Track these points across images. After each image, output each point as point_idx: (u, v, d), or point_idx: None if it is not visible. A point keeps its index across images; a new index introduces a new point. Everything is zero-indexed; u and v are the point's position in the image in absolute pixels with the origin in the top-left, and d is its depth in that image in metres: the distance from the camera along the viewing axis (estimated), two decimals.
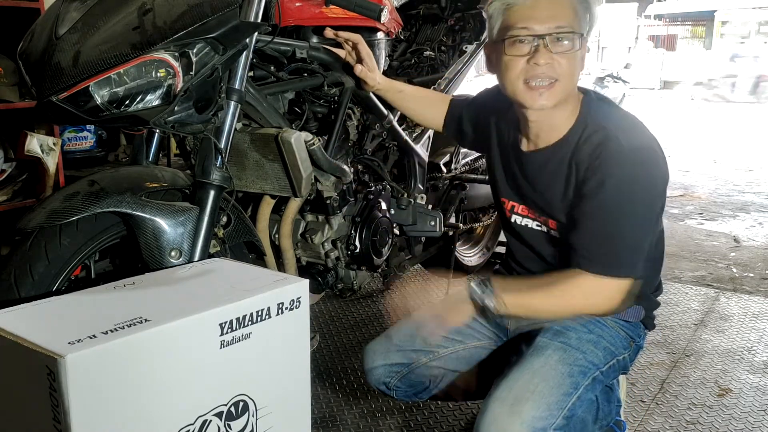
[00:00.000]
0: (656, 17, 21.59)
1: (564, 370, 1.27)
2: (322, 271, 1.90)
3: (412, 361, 1.48)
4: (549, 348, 1.32)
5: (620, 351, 1.38)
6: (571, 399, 1.24)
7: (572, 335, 1.35)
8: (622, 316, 1.41)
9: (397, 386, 1.51)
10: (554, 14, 1.22)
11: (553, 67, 1.23)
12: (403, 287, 1.63)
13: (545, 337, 1.36)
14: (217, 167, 1.36)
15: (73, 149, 3.04)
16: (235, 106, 1.41)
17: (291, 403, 1.16)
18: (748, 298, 2.72)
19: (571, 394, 1.25)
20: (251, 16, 1.36)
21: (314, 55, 1.69)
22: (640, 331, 1.45)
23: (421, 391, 1.54)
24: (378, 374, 1.50)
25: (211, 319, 0.99)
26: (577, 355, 1.29)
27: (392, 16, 2.03)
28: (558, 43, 1.23)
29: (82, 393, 0.84)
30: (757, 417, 1.82)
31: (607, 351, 1.35)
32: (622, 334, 1.40)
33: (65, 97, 1.22)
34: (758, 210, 4.36)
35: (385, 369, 1.49)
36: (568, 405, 1.23)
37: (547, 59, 1.23)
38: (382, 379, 1.50)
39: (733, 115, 10.45)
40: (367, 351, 1.53)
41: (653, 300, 1.48)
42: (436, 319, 1.37)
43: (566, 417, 1.22)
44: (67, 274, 1.26)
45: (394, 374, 1.49)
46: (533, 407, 1.20)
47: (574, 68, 1.25)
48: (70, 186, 1.29)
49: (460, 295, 1.29)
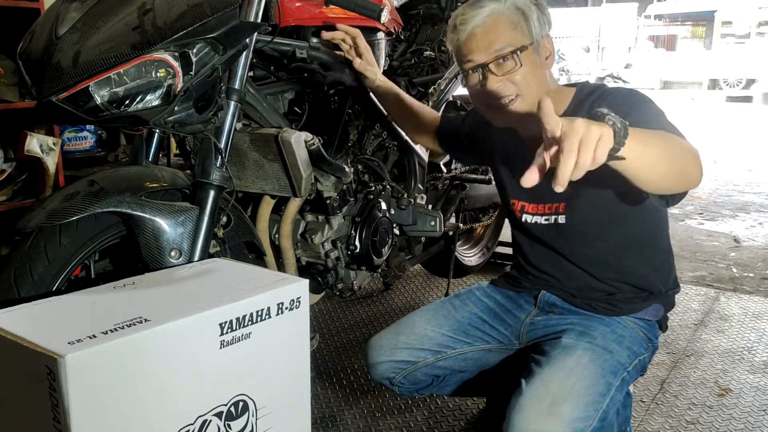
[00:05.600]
0: (656, 17, 21.59)
1: (596, 371, 1.27)
2: (322, 271, 1.90)
3: (419, 359, 1.48)
4: (578, 348, 1.32)
5: (641, 351, 1.38)
6: (605, 400, 1.24)
7: (597, 335, 1.35)
8: (641, 315, 1.42)
9: (400, 383, 1.51)
10: (490, 41, 1.29)
11: (507, 86, 1.31)
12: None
13: (570, 337, 1.36)
14: (217, 167, 1.36)
15: (73, 149, 3.04)
16: (235, 106, 1.41)
17: (291, 403, 1.16)
18: (748, 298, 2.72)
19: (605, 394, 1.25)
20: (251, 16, 1.36)
21: (314, 55, 1.69)
22: (656, 331, 1.45)
23: (423, 387, 1.54)
24: (382, 370, 1.50)
25: (211, 319, 0.99)
26: (606, 355, 1.29)
27: (392, 15, 2.03)
28: (502, 65, 1.30)
29: (82, 393, 0.84)
30: (757, 417, 1.82)
31: (630, 351, 1.35)
32: (641, 334, 1.40)
33: (65, 97, 1.22)
34: (758, 210, 4.36)
35: (390, 365, 1.49)
36: (603, 406, 1.23)
37: (497, 82, 1.31)
38: (386, 375, 1.50)
39: (733, 115, 10.44)
40: (371, 345, 1.53)
41: (671, 298, 1.48)
42: None
43: (601, 419, 1.22)
44: (67, 274, 1.25)
45: (399, 371, 1.49)
46: (572, 408, 1.19)
47: (529, 78, 1.31)
48: (70, 186, 1.29)
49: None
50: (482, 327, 1.52)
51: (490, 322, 1.53)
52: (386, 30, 2.01)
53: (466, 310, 1.55)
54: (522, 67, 1.30)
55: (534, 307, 1.52)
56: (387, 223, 1.97)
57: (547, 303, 1.50)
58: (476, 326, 1.52)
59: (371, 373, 1.53)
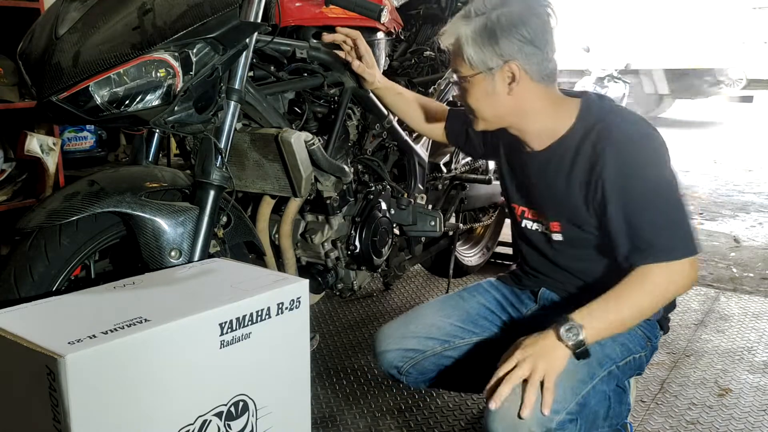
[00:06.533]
0: None
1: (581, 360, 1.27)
2: (322, 271, 1.90)
3: (427, 348, 1.49)
4: None
5: (637, 349, 1.38)
6: (585, 387, 1.25)
7: None
8: None
9: (408, 372, 1.51)
10: (454, 66, 1.38)
11: (467, 104, 1.39)
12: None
13: None
14: (217, 167, 1.36)
15: (73, 149, 3.03)
16: (235, 106, 1.41)
17: (291, 403, 1.16)
18: (748, 298, 2.72)
19: (587, 382, 1.25)
20: (251, 16, 1.36)
21: (314, 55, 1.69)
22: (656, 331, 1.45)
23: (430, 378, 1.54)
24: (390, 358, 1.51)
25: (211, 319, 0.99)
26: (595, 347, 1.29)
27: (392, 16, 2.03)
28: (460, 87, 1.39)
29: (82, 393, 0.84)
30: (757, 417, 1.82)
31: (624, 347, 1.35)
32: (640, 333, 1.40)
33: (65, 97, 1.23)
34: (758, 210, 4.36)
35: (399, 353, 1.50)
36: (582, 392, 1.24)
37: (460, 99, 1.43)
38: (394, 363, 1.51)
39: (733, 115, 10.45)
40: (380, 334, 1.54)
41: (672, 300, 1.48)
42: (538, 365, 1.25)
43: (579, 404, 1.22)
44: (67, 274, 1.25)
45: (407, 360, 1.50)
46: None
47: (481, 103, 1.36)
48: (70, 186, 1.29)
49: (548, 341, 1.22)
50: (490, 318, 1.53)
51: (497, 313, 1.55)
52: (386, 30, 2.01)
53: (474, 301, 1.57)
54: (472, 93, 1.35)
55: (534, 303, 1.54)
56: (387, 223, 1.97)
57: (546, 300, 1.52)
58: (484, 317, 1.54)
59: (379, 363, 1.53)
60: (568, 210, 1.37)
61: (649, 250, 1.24)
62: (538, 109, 1.35)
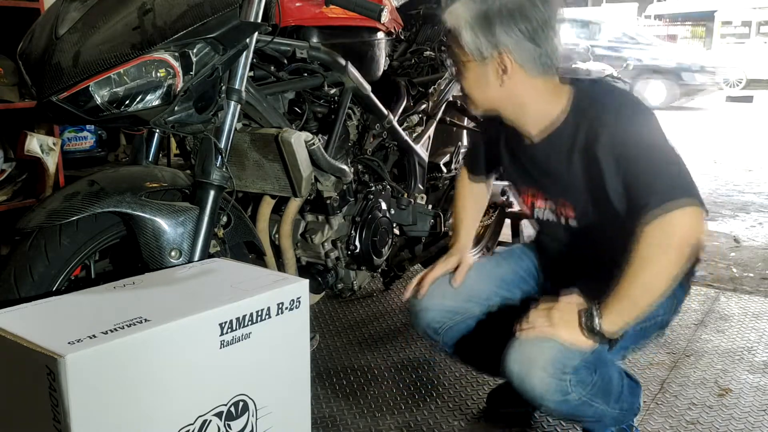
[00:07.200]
0: (656, 17, 21.57)
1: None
2: (322, 271, 1.90)
3: (466, 310, 1.51)
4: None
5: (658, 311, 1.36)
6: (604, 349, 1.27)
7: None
8: None
9: (446, 332, 1.52)
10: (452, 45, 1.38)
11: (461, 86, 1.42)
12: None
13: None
14: (217, 167, 1.36)
15: (73, 149, 3.03)
16: (235, 106, 1.41)
17: (291, 403, 1.16)
18: (748, 298, 2.72)
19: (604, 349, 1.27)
20: (251, 16, 1.36)
21: (314, 55, 1.69)
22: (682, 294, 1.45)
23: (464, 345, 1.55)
24: (430, 317, 1.51)
25: (211, 319, 0.99)
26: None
27: (392, 16, 2.03)
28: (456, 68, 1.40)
29: (81, 393, 0.84)
30: (757, 417, 1.82)
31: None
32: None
33: (65, 97, 1.23)
34: (758, 210, 4.36)
35: (438, 312, 1.51)
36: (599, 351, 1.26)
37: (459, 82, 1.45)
38: (432, 323, 1.52)
39: (733, 115, 10.45)
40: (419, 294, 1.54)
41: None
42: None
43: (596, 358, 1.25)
44: (67, 274, 1.26)
45: (446, 319, 1.51)
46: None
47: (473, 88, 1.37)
48: (70, 186, 1.29)
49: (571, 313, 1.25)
50: (522, 284, 1.57)
51: (527, 278, 1.58)
52: (386, 30, 2.01)
53: (508, 267, 1.59)
54: (466, 77, 1.37)
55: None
56: (387, 223, 1.97)
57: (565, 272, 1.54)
58: (518, 282, 1.57)
59: (417, 321, 1.54)
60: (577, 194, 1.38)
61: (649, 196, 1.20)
62: (532, 101, 1.35)
